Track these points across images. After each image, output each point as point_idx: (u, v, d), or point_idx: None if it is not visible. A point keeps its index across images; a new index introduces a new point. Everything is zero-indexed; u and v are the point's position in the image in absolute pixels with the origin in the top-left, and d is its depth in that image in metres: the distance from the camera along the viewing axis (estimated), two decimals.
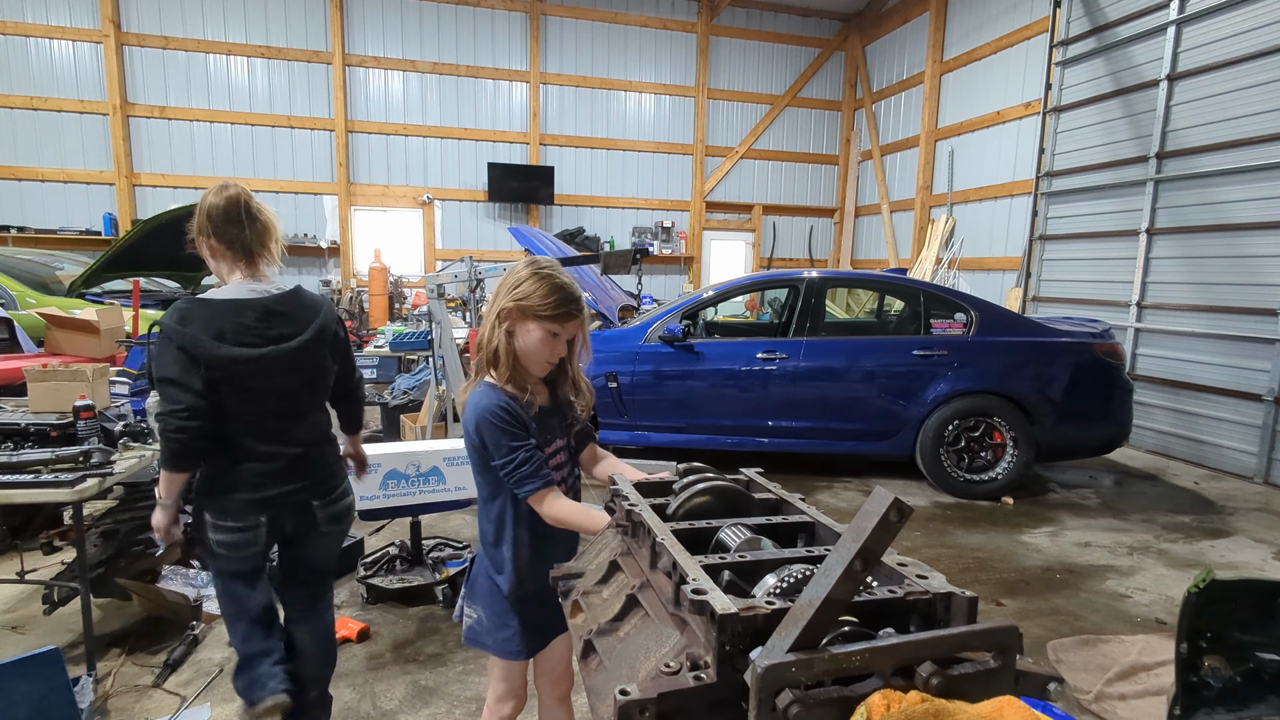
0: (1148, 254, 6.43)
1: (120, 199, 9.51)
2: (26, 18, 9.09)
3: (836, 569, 0.72)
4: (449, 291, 8.23)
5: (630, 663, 0.95)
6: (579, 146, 11.18)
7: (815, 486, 5.21)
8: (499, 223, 10.97)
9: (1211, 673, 0.90)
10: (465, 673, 2.72)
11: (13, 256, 6.50)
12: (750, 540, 1.07)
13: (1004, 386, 4.95)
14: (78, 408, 2.58)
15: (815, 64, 11.94)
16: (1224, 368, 5.78)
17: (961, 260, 9.37)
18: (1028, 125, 8.20)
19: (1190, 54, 6.02)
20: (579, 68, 10.99)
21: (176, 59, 9.60)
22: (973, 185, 9.24)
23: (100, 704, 2.43)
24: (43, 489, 2.23)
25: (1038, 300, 7.74)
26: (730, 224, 12.21)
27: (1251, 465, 5.56)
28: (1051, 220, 7.57)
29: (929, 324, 5.29)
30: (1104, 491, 5.29)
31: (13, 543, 3.42)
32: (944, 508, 4.83)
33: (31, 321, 4.88)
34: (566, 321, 1.60)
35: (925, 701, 0.66)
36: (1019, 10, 8.36)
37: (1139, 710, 2.57)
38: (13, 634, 2.92)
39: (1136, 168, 6.51)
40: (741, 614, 0.78)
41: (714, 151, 11.78)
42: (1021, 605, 3.42)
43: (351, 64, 10.15)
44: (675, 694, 0.76)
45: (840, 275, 8.19)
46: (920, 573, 0.93)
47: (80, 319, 3.89)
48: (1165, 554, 4.08)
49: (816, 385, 5.16)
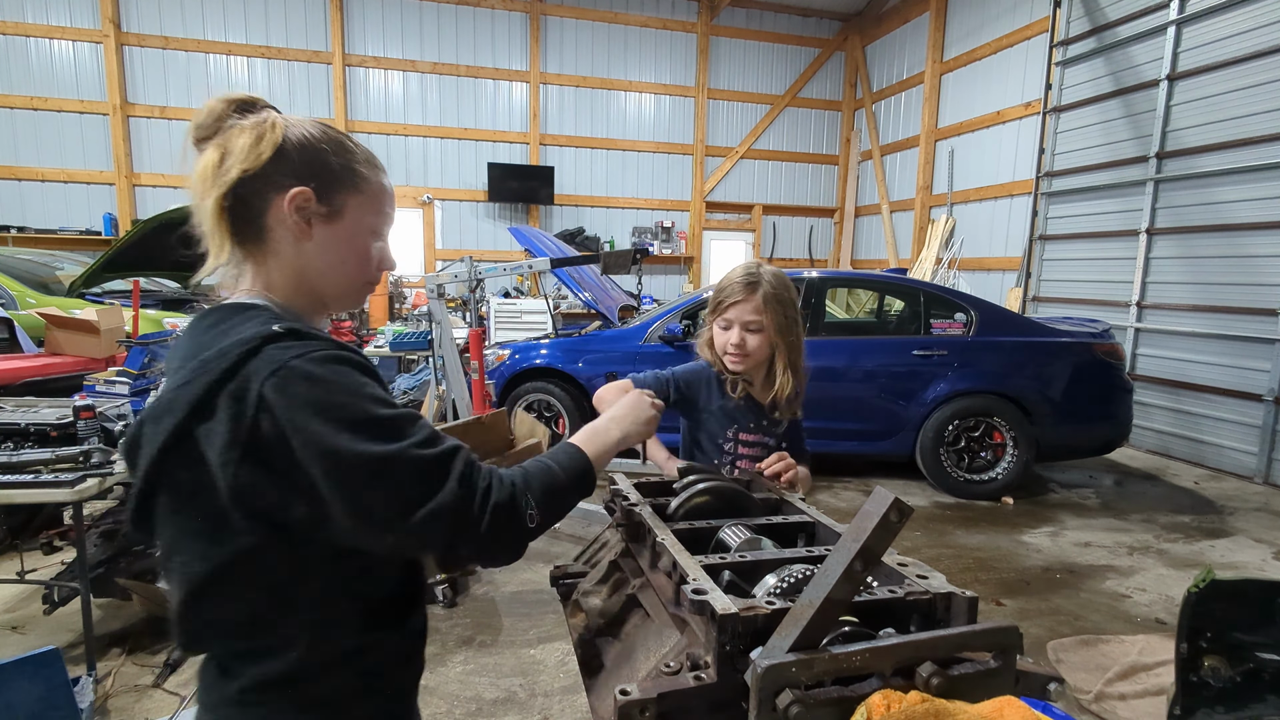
0: (1148, 254, 6.43)
1: (120, 199, 9.51)
2: (26, 18, 9.09)
3: (837, 569, 0.72)
4: (449, 291, 8.23)
5: (630, 663, 0.95)
6: (579, 146, 11.17)
7: (815, 486, 5.21)
8: (499, 223, 10.97)
9: (1211, 673, 0.90)
10: (466, 673, 2.72)
11: (13, 256, 6.50)
12: (750, 540, 1.07)
13: (1004, 386, 4.95)
14: (78, 408, 2.58)
15: (815, 64, 11.94)
16: (1224, 368, 5.78)
17: (961, 260, 9.37)
18: (1028, 125, 8.19)
19: (1190, 54, 6.02)
20: (579, 68, 10.99)
21: (176, 59, 9.59)
22: (973, 185, 9.24)
23: (100, 704, 2.43)
24: (43, 489, 2.23)
25: (1038, 300, 7.74)
26: (730, 224, 12.21)
27: (1251, 465, 5.56)
28: (1051, 220, 7.57)
29: (929, 324, 5.29)
30: (1104, 491, 5.29)
31: (13, 543, 3.43)
32: (944, 508, 4.83)
33: (31, 321, 4.88)
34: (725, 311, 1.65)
35: (925, 701, 0.66)
36: (1019, 10, 8.35)
37: (1139, 710, 2.57)
38: (13, 634, 2.91)
39: (1136, 168, 6.51)
40: (742, 614, 0.78)
41: (714, 151, 11.78)
42: (1021, 605, 3.42)
43: (351, 64, 10.15)
44: (675, 694, 0.77)
45: (840, 275, 8.19)
46: (920, 573, 0.93)
47: (80, 319, 3.89)
48: (1165, 554, 4.08)
49: (816, 385, 5.10)
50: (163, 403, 0.80)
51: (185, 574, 0.82)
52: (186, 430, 0.77)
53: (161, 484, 0.81)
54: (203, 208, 0.85)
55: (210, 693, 0.88)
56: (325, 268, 0.91)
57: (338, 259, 0.92)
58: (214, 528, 0.79)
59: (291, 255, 0.89)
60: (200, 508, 0.79)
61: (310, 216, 0.88)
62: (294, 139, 0.88)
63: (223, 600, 0.82)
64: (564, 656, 2.85)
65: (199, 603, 0.83)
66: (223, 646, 0.87)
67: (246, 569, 0.81)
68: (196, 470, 0.78)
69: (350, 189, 0.91)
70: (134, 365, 3.35)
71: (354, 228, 0.92)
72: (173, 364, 0.88)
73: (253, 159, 0.84)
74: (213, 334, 0.83)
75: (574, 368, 5.42)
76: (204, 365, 0.78)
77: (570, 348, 5.53)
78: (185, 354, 0.84)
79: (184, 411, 0.77)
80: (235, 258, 0.88)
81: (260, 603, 0.83)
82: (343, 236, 0.91)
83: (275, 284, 0.89)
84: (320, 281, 0.92)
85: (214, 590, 0.82)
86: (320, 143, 0.89)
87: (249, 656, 0.85)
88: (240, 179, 0.84)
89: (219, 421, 0.75)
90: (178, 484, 0.80)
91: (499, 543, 0.83)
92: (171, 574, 0.85)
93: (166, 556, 0.85)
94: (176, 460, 0.79)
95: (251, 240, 0.88)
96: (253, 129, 0.85)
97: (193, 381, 0.77)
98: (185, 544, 0.83)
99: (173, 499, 0.82)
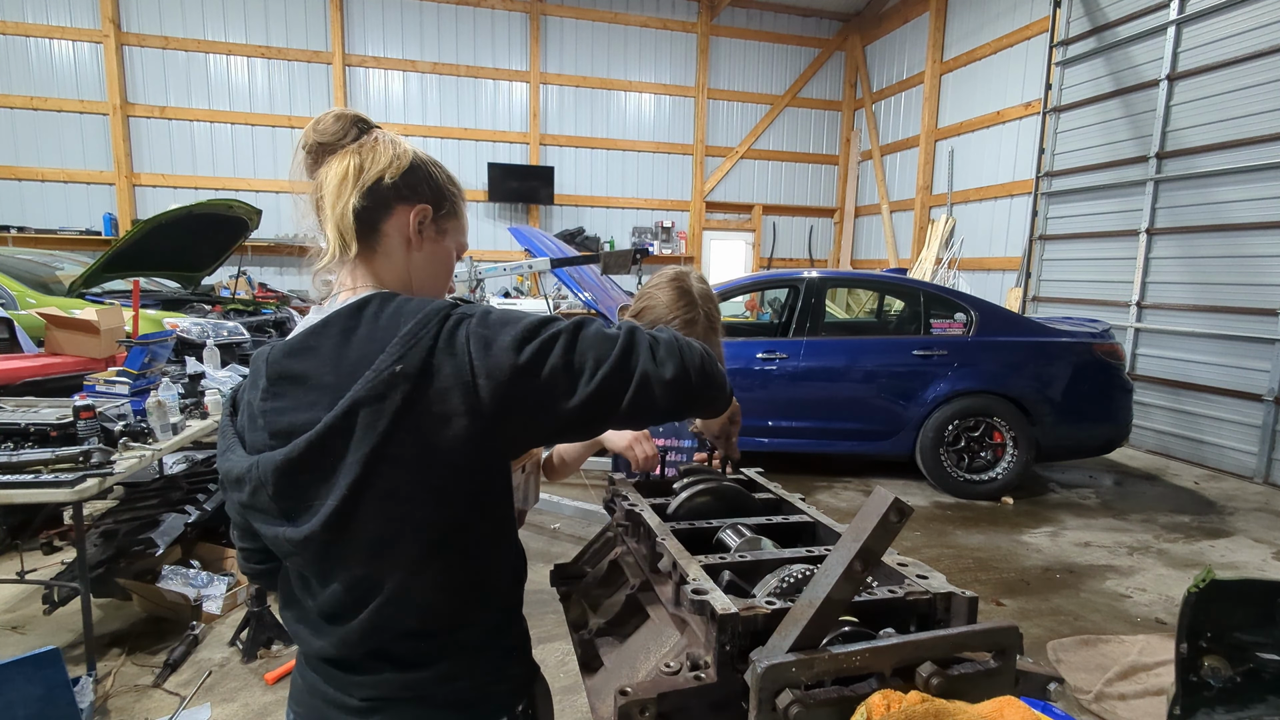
0: (1148, 254, 6.43)
1: (120, 199, 9.50)
2: (26, 18, 9.09)
3: (836, 569, 0.72)
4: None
5: (630, 663, 0.95)
6: (579, 146, 11.17)
7: (815, 486, 5.21)
8: (499, 223, 10.97)
9: (1211, 673, 0.90)
10: None
11: (13, 256, 6.49)
12: (750, 540, 1.07)
13: (1004, 386, 4.95)
14: (78, 408, 2.58)
15: (815, 64, 11.94)
16: (1224, 368, 5.78)
17: (961, 260, 9.37)
18: (1028, 125, 8.19)
19: (1190, 54, 6.02)
20: (579, 68, 10.98)
21: (176, 59, 9.59)
22: (973, 185, 9.24)
23: (100, 704, 2.43)
24: (43, 489, 2.23)
25: (1038, 300, 7.74)
26: (730, 224, 12.21)
27: (1251, 465, 5.56)
28: (1051, 220, 7.57)
29: (929, 324, 5.29)
30: (1104, 491, 5.29)
31: (13, 543, 3.43)
32: (944, 508, 4.83)
33: (31, 321, 4.87)
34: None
35: (925, 701, 0.66)
36: (1019, 10, 8.35)
37: (1139, 710, 2.57)
38: (13, 634, 2.91)
39: (1136, 168, 6.51)
40: (742, 614, 0.78)
41: (714, 151, 11.78)
42: (1021, 605, 3.42)
43: (351, 64, 10.15)
44: (675, 694, 0.77)
45: (840, 275, 8.19)
46: (920, 573, 0.93)
47: (80, 319, 3.88)
48: (1165, 554, 4.08)
49: (816, 385, 5.16)
50: (382, 380, 0.82)
51: (398, 560, 0.86)
52: (418, 396, 0.82)
53: (381, 470, 0.83)
54: (337, 207, 0.93)
55: (378, 688, 0.92)
56: (426, 276, 1.01)
57: (434, 271, 1.02)
58: (436, 500, 0.85)
59: (400, 260, 0.98)
60: (424, 480, 0.84)
61: (424, 230, 0.98)
62: (419, 160, 0.98)
63: (443, 573, 0.89)
64: (564, 656, 2.84)
65: (413, 585, 0.87)
66: (415, 634, 0.91)
67: (461, 538, 0.89)
68: (422, 438, 0.82)
69: (453, 213, 1.03)
70: (134, 365, 3.34)
71: (450, 246, 1.04)
72: (324, 361, 0.88)
73: (394, 170, 0.94)
74: (385, 319, 0.87)
75: None
76: (413, 337, 0.83)
77: None
78: (360, 343, 0.87)
79: (414, 378, 0.81)
80: (349, 255, 0.95)
81: (468, 572, 0.91)
82: (441, 253, 1.02)
83: (386, 282, 0.97)
84: (419, 287, 1.01)
85: (434, 562, 0.88)
86: (437, 169, 1.01)
87: (445, 633, 0.92)
88: (376, 186, 0.93)
89: (446, 377, 0.82)
90: (401, 460, 0.83)
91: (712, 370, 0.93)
92: (379, 568, 0.87)
93: (372, 553, 0.86)
94: (407, 431, 0.82)
95: (368, 242, 0.95)
96: (389, 145, 0.96)
97: (408, 354, 0.82)
98: (398, 528, 0.85)
99: (392, 478, 0.83)
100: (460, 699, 0.93)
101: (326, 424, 0.83)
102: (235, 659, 2.76)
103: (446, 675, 0.92)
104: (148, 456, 2.63)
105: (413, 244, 0.98)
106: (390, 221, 0.95)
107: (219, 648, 2.83)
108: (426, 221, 0.98)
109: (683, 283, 1.61)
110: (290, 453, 0.84)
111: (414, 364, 0.82)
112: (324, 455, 0.83)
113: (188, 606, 2.96)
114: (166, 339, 3.86)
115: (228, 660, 2.75)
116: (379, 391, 0.81)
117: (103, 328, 3.82)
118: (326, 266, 0.96)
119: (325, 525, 0.84)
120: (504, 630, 0.98)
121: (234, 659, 2.76)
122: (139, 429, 2.76)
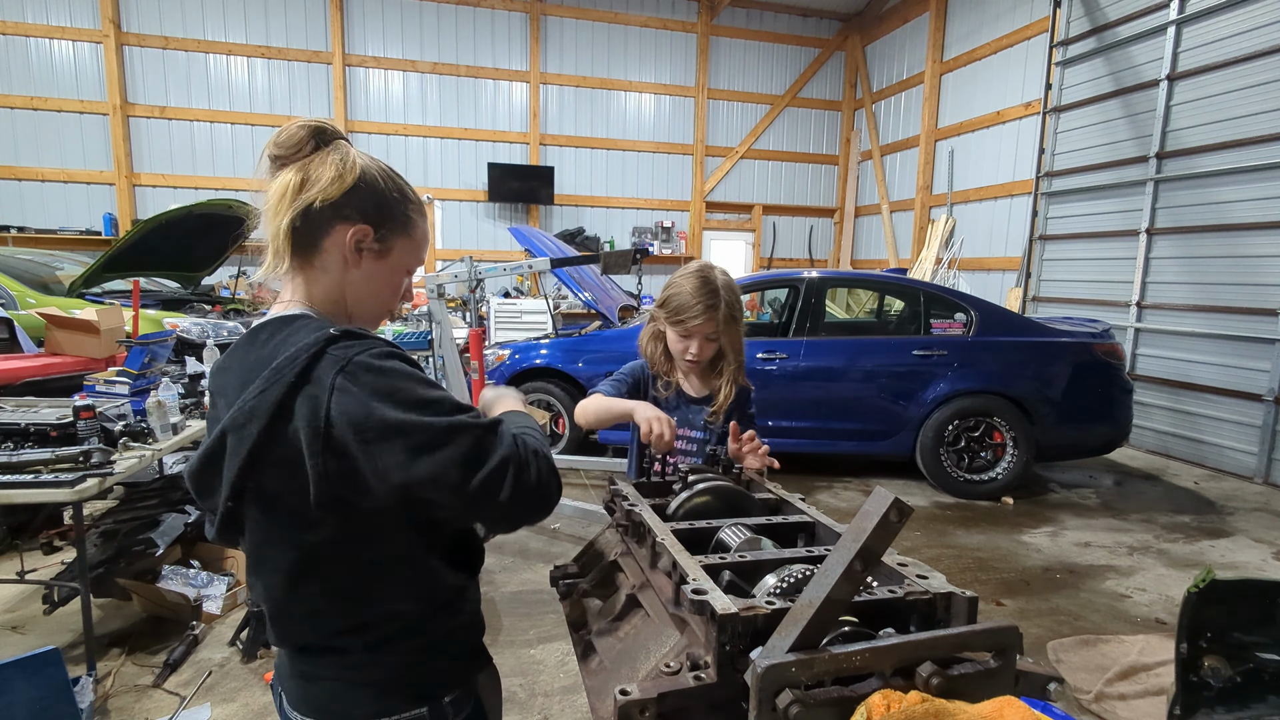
0: (1148, 254, 6.43)
1: (120, 199, 9.50)
2: (26, 18, 9.09)
3: (836, 569, 0.72)
4: (449, 291, 8.23)
5: (630, 663, 0.95)
6: (579, 146, 11.17)
7: (815, 486, 5.21)
8: (499, 223, 10.97)
9: (1211, 673, 0.90)
10: None
11: (13, 256, 6.48)
12: (750, 540, 1.07)
13: (1004, 386, 4.95)
14: (78, 408, 2.58)
15: (815, 64, 11.94)
16: (1224, 368, 5.78)
17: (961, 260, 9.37)
18: (1028, 125, 8.19)
19: (1190, 54, 6.02)
20: (579, 68, 10.98)
21: (176, 59, 9.59)
22: (973, 185, 9.24)
23: (100, 704, 2.43)
24: (43, 489, 2.23)
25: (1038, 300, 7.74)
26: (730, 224, 12.21)
27: (1251, 465, 5.56)
28: (1051, 220, 7.57)
29: (929, 324, 5.29)
30: (1104, 491, 5.29)
31: (13, 543, 3.43)
32: (944, 508, 4.83)
33: (31, 321, 4.87)
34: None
35: (925, 701, 0.66)
36: (1019, 10, 8.35)
37: (1139, 710, 2.57)
38: (13, 634, 2.91)
39: (1136, 168, 6.51)
40: (741, 614, 0.78)
41: (714, 151, 11.78)
42: (1021, 605, 3.42)
43: (351, 64, 10.15)
44: (675, 694, 0.77)
45: (840, 275, 8.19)
46: (920, 573, 0.93)
47: (80, 319, 3.88)
48: (1165, 554, 4.08)
49: (816, 385, 5.16)
50: (244, 411, 0.86)
51: (278, 568, 0.92)
52: (272, 433, 0.85)
53: (248, 488, 0.89)
54: (275, 222, 0.94)
55: (318, 670, 0.97)
56: (363, 294, 1.01)
57: (374, 289, 1.02)
58: (303, 520, 0.88)
59: (336, 276, 0.99)
60: (289, 504, 0.88)
61: (364, 250, 0.98)
62: (367, 178, 0.97)
63: (320, 582, 0.93)
64: (564, 656, 2.84)
65: (295, 591, 0.93)
66: (324, 627, 0.95)
67: (339, 548, 0.91)
68: (283, 469, 0.86)
69: (402, 232, 1.02)
70: (134, 365, 3.34)
71: (395, 265, 1.03)
72: (232, 378, 0.95)
73: (333, 190, 0.94)
74: (273, 344, 0.91)
75: (574, 368, 5.42)
76: (278, 372, 0.86)
77: (570, 348, 5.54)
78: (250, 366, 0.92)
79: (268, 415, 0.85)
80: (289, 268, 0.97)
81: (357, 575, 0.93)
82: (384, 271, 1.02)
83: (316, 297, 0.99)
84: (354, 304, 1.02)
85: (311, 574, 0.92)
86: (387, 187, 1.00)
87: (360, 630, 0.94)
88: (311, 205, 0.93)
89: (300, 419, 0.84)
90: (265, 486, 0.89)
91: (547, 490, 0.92)
92: (262, 572, 0.95)
93: (256, 558, 0.95)
94: (265, 462, 0.87)
95: (306, 256, 0.97)
96: (335, 163, 0.95)
97: (270, 388, 0.85)
98: (276, 539, 0.92)
99: (261, 500, 0.90)
100: (378, 682, 0.97)
101: (210, 443, 0.91)
102: (235, 659, 2.76)
103: (360, 664, 0.96)
104: (148, 456, 2.63)
105: (350, 262, 0.98)
106: (331, 238, 0.96)
107: (219, 648, 2.83)
108: (366, 241, 0.98)
109: (707, 274, 1.73)
110: (193, 464, 0.93)
111: (270, 400, 0.85)
112: (211, 471, 0.91)
113: (188, 606, 2.96)
114: (166, 339, 3.86)
115: (228, 660, 2.75)
116: (239, 421, 0.87)
117: (103, 328, 3.82)
118: (266, 276, 0.98)
119: (218, 531, 0.93)
120: (417, 630, 0.98)
121: (234, 659, 2.76)
122: (139, 429, 2.76)
